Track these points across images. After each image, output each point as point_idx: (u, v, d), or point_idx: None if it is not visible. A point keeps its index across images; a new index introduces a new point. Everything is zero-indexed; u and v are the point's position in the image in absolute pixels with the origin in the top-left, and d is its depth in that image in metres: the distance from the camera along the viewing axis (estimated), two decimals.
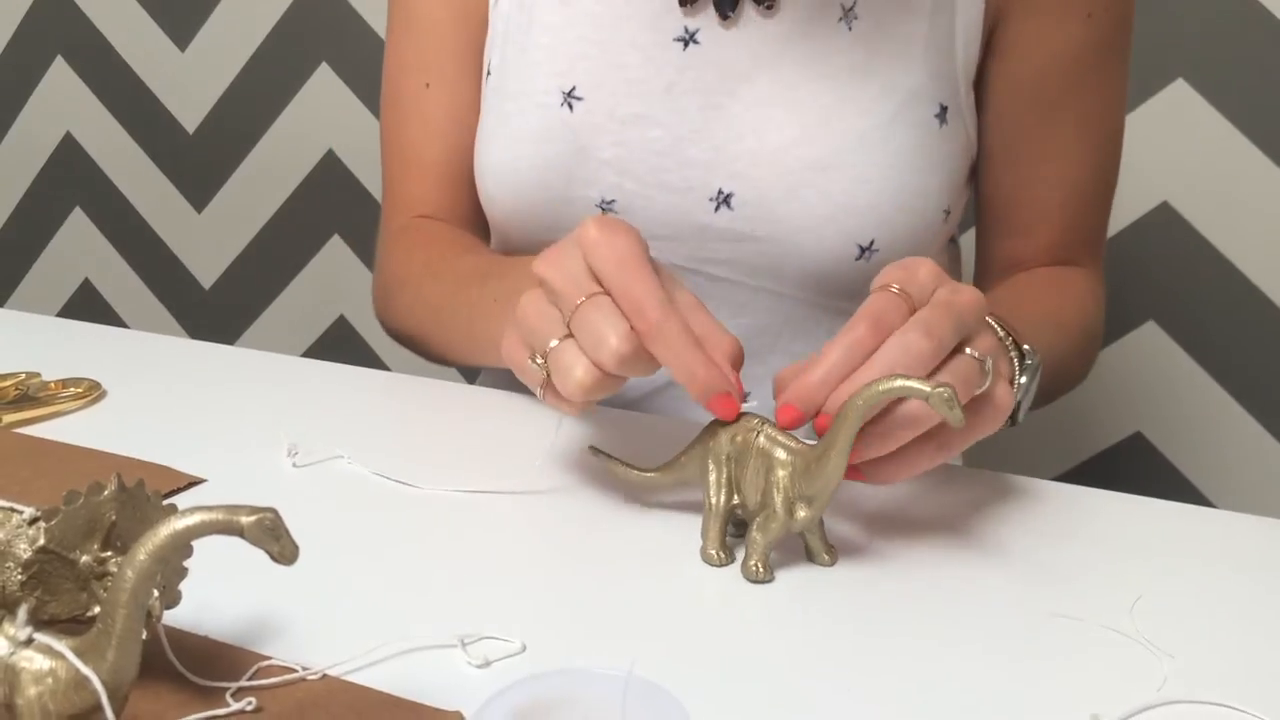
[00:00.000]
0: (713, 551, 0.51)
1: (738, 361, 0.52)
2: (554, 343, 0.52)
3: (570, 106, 0.74)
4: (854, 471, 0.50)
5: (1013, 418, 0.59)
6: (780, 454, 0.50)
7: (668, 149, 0.73)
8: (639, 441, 0.64)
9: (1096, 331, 0.81)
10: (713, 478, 0.52)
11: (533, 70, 0.75)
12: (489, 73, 0.79)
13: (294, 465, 0.61)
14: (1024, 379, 0.57)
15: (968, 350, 0.51)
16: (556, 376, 0.51)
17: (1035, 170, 0.78)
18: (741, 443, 0.51)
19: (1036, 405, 0.64)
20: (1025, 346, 0.58)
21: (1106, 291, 0.84)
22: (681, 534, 0.54)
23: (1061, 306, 0.76)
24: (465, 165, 0.83)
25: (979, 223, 0.83)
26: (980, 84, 0.76)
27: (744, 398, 0.51)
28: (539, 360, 0.53)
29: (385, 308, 0.85)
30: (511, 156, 0.76)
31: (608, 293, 0.51)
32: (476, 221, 0.85)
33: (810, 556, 0.51)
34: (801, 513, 0.49)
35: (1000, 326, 0.57)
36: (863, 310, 0.51)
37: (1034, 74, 0.75)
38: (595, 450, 0.57)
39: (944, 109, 0.73)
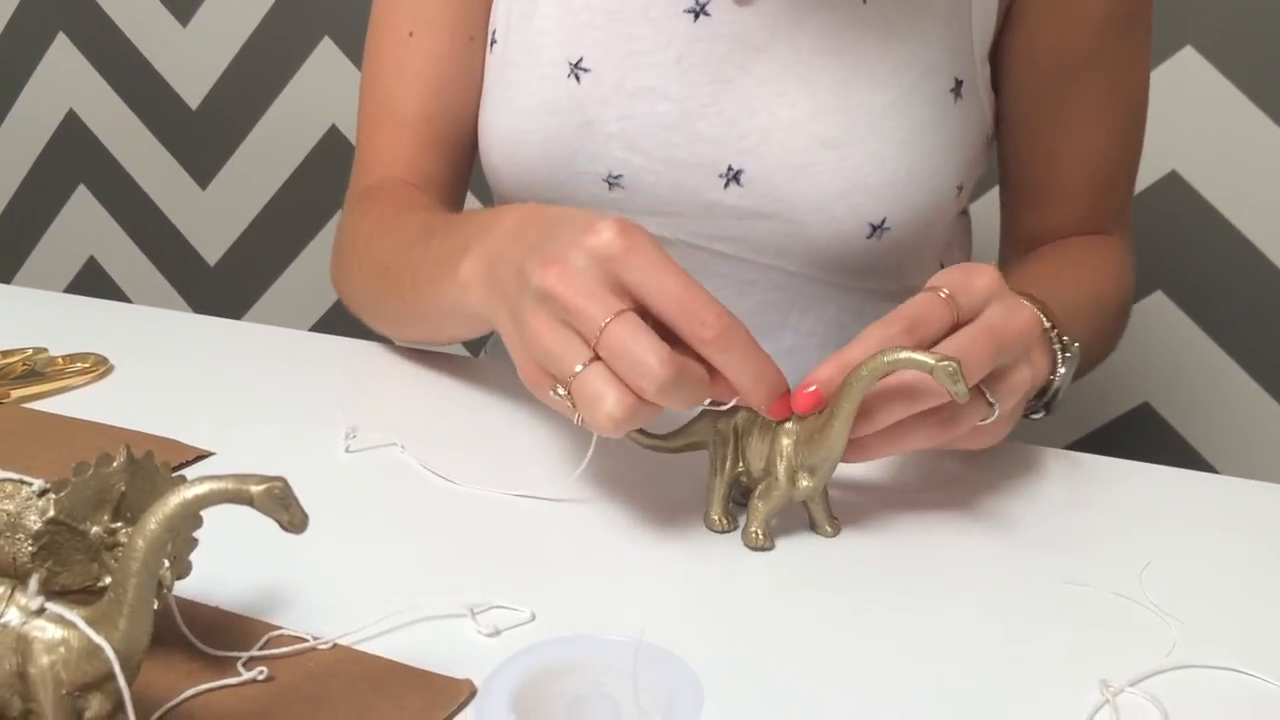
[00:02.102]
0: (716, 518, 0.51)
1: None
2: (578, 368, 0.46)
3: (577, 78, 0.73)
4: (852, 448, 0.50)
5: (1047, 407, 0.59)
6: (786, 422, 0.50)
7: (677, 123, 0.72)
8: None
9: (1128, 302, 0.80)
10: (718, 446, 0.52)
11: (539, 40, 0.74)
12: (494, 41, 0.78)
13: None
14: (1063, 370, 0.57)
15: (985, 393, 0.50)
16: (584, 409, 0.46)
17: (1060, 141, 0.77)
18: (748, 411, 0.51)
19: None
20: (1065, 339, 0.58)
21: None
22: (687, 502, 0.54)
23: (1099, 281, 0.75)
24: (442, 124, 0.80)
25: (1004, 195, 0.82)
26: (1001, 55, 0.75)
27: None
28: (560, 391, 0.48)
29: (338, 270, 0.81)
30: (516, 129, 0.75)
31: (643, 305, 0.46)
32: (448, 187, 0.82)
33: (813, 526, 0.51)
34: (804, 482, 0.49)
35: (1045, 317, 0.57)
36: (903, 309, 0.50)
37: (1054, 42, 0.74)
38: None
39: (959, 83, 0.72)
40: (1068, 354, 0.58)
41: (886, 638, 0.44)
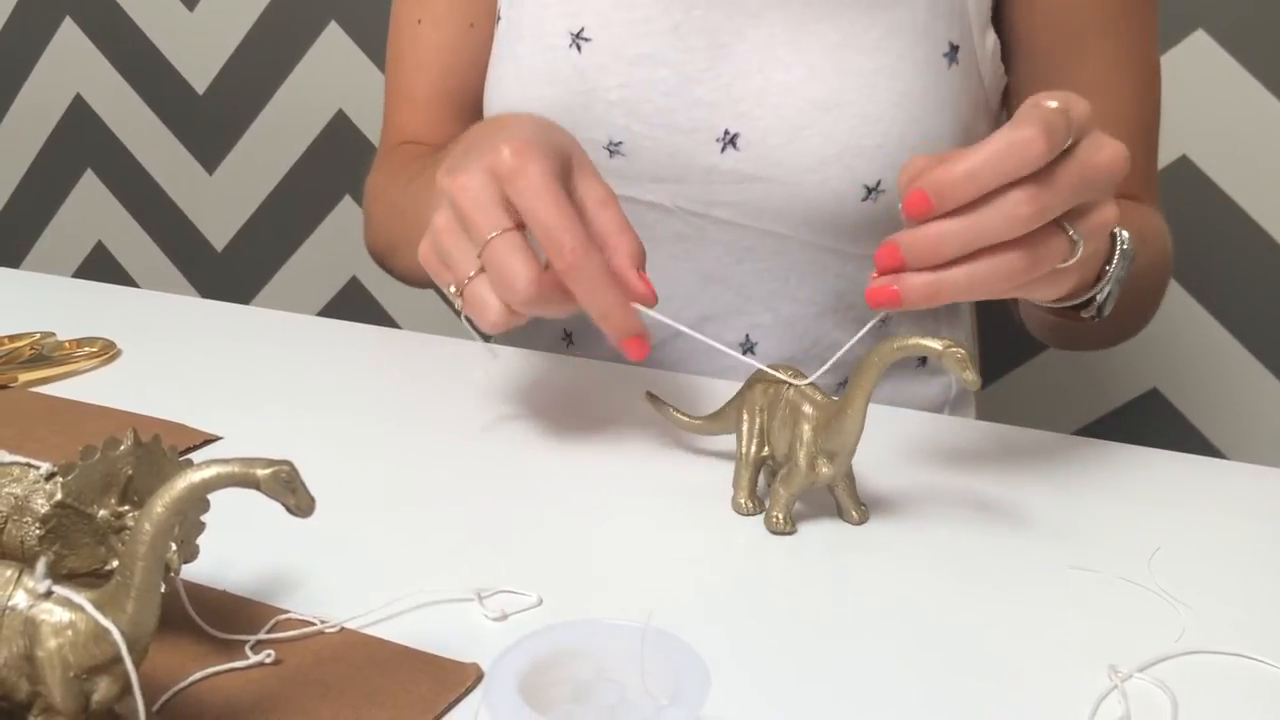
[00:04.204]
0: (742, 500, 0.52)
1: (639, 261, 0.54)
2: (471, 274, 0.53)
3: (579, 47, 0.74)
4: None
5: (1099, 309, 0.58)
6: (806, 408, 0.49)
7: (675, 89, 0.73)
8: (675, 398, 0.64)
9: (1170, 258, 0.78)
10: (745, 427, 0.52)
11: (542, 11, 0.76)
12: (500, 17, 0.80)
13: (312, 422, 0.61)
14: (1115, 262, 0.56)
15: (1069, 229, 0.49)
16: (472, 310, 0.54)
17: None
18: (773, 394, 0.51)
19: (1111, 321, 0.62)
20: (1122, 233, 0.57)
21: None
22: (703, 487, 0.54)
23: (1138, 221, 0.72)
24: (453, 100, 0.85)
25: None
26: (1005, 25, 0.75)
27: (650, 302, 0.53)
28: (453, 290, 0.55)
29: (365, 228, 0.88)
30: (519, 99, 0.76)
31: (523, 223, 0.52)
32: None
33: (840, 513, 0.51)
34: (824, 469, 0.49)
35: None
36: (1035, 115, 0.47)
37: (1055, 6, 0.73)
38: (651, 396, 0.58)
39: (954, 48, 0.72)
40: (1124, 248, 0.56)
41: (894, 623, 0.44)
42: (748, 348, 0.77)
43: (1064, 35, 0.74)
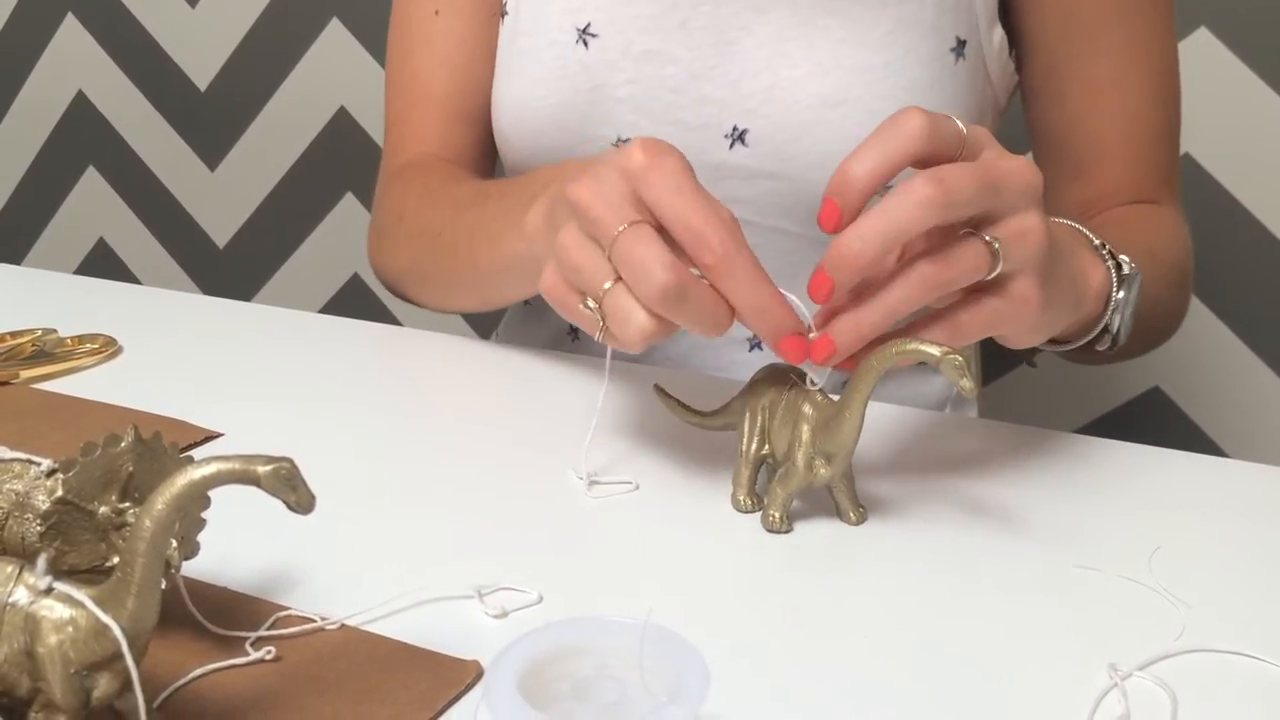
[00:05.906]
0: (741, 498, 0.52)
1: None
2: (608, 285, 0.48)
3: (585, 44, 0.74)
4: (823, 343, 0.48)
5: (1114, 339, 0.57)
6: (806, 408, 0.49)
7: (683, 85, 0.73)
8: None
9: (1186, 266, 0.77)
10: (746, 425, 0.52)
11: (547, 7, 0.75)
12: (505, 13, 0.79)
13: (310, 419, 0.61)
14: (1120, 293, 0.56)
15: (985, 235, 0.47)
16: (614, 325, 0.48)
17: (1086, 104, 0.75)
18: (775, 393, 0.51)
19: (1132, 342, 0.61)
20: (1122, 258, 0.56)
21: None
22: (705, 485, 0.54)
23: (1150, 234, 0.72)
24: (472, 100, 0.82)
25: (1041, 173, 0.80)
26: (1015, 16, 0.75)
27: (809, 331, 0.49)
28: (590, 305, 0.49)
29: (379, 246, 0.83)
30: (527, 96, 0.76)
31: (659, 223, 0.47)
32: (481, 162, 0.84)
33: (838, 513, 0.51)
34: (821, 470, 0.49)
35: (1093, 235, 0.55)
36: (907, 108, 0.47)
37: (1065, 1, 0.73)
38: (659, 389, 0.58)
39: (961, 43, 0.72)
40: (1125, 272, 0.56)
41: (896, 621, 0.44)
42: (755, 343, 0.77)
43: (1073, 29, 0.74)
